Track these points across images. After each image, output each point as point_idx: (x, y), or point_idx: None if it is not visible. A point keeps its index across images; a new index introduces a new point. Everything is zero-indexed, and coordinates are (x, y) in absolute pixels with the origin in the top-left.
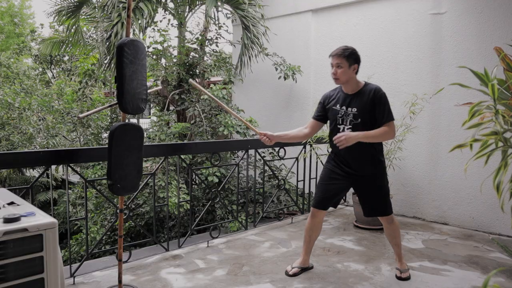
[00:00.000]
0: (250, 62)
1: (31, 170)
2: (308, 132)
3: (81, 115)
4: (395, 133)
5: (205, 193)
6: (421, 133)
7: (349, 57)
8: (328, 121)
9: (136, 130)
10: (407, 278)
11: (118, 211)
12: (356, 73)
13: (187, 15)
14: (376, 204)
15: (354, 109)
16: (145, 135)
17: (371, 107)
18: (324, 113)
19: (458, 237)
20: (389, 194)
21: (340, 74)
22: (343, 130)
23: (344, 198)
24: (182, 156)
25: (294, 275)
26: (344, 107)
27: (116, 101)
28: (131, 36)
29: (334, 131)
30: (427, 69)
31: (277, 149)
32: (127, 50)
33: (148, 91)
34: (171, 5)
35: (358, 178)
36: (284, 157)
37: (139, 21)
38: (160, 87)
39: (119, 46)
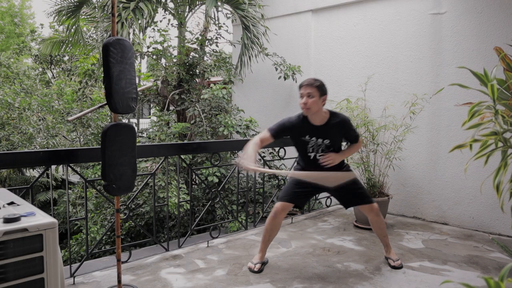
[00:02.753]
0: (250, 62)
1: (31, 170)
2: (260, 146)
3: (70, 118)
4: (361, 145)
5: (205, 193)
6: (421, 133)
7: (320, 88)
8: (296, 147)
9: (128, 129)
10: (401, 266)
11: (114, 211)
12: (323, 105)
13: (187, 15)
14: (354, 191)
15: (327, 141)
16: (145, 135)
17: (343, 135)
18: (282, 135)
19: (458, 237)
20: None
21: (311, 104)
22: (315, 158)
23: None
24: (182, 156)
25: (260, 271)
26: (314, 138)
27: (105, 102)
28: (130, 36)
29: (304, 157)
30: (427, 69)
31: (277, 149)
32: (113, 50)
33: (138, 89)
34: (171, 5)
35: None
36: (284, 157)
37: (139, 21)
38: (151, 85)
39: (104, 46)
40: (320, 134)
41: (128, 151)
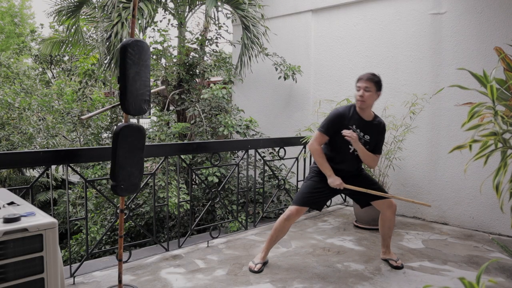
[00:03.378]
0: (250, 62)
1: (31, 170)
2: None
3: (83, 117)
4: (377, 164)
5: (205, 193)
6: (421, 133)
7: (377, 83)
8: (335, 137)
9: (139, 130)
10: (402, 266)
11: (118, 211)
12: (376, 100)
13: (187, 15)
14: (373, 187)
15: (368, 137)
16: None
17: (379, 139)
18: (333, 129)
19: (458, 237)
20: None
21: (367, 97)
22: (353, 152)
23: (344, 198)
24: (182, 156)
25: (260, 271)
26: (358, 130)
27: (118, 102)
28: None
29: (342, 150)
30: (427, 69)
31: (277, 149)
32: (131, 51)
33: (151, 91)
34: (171, 5)
35: (346, 178)
36: (284, 157)
37: (139, 21)
38: (163, 87)
39: (123, 47)
40: (365, 128)
41: (138, 152)
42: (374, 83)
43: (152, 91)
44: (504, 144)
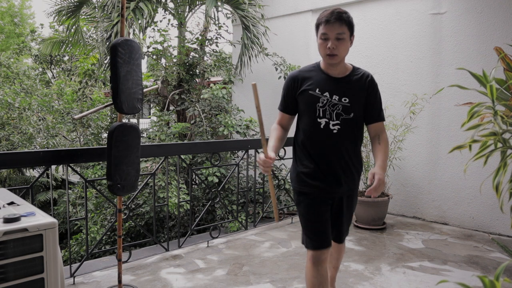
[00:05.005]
0: (250, 62)
1: (31, 170)
2: (287, 131)
3: (76, 116)
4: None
5: (205, 193)
6: (421, 133)
7: (351, 25)
8: (299, 113)
9: (133, 129)
10: None
11: (117, 211)
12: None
13: (187, 15)
14: (343, 229)
15: (346, 99)
16: (145, 135)
17: (365, 98)
18: (292, 102)
19: (458, 237)
20: None
21: (342, 49)
22: (326, 126)
23: None
24: (182, 156)
25: None
26: (327, 94)
27: (111, 102)
28: (130, 36)
29: (312, 128)
30: (427, 69)
31: None
32: (121, 50)
33: (144, 90)
34: (171, 5)
35: (338, 196)
36: (284, 157)
37: (139, 21)
38: (156, 85)
39: (112, 46)
40: (337, 88)
41: (133, 151)
42: (347, 25)
43: (145, 90)
44: (504, 144)
